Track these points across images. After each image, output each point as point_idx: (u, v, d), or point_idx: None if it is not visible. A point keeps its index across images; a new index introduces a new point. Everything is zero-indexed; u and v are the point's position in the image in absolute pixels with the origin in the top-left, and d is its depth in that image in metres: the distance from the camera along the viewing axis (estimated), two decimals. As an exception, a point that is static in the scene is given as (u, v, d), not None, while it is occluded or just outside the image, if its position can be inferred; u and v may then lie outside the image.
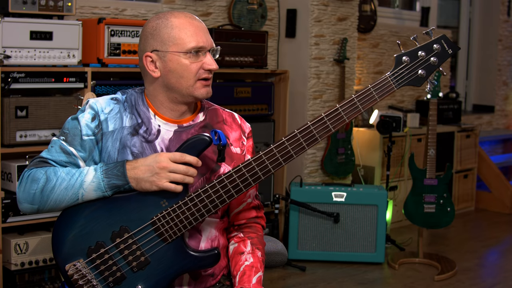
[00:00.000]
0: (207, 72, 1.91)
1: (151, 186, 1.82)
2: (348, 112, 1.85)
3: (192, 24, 1.91)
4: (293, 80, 4.77)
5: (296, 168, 4.86)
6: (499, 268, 4.62)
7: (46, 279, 3.42)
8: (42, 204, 1.85)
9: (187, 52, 1.88)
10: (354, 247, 4.42)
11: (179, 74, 1.90)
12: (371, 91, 1.85)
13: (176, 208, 1.84)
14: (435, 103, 4.35)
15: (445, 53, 1.86)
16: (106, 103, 1.94)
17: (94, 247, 1.86)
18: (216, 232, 2.01)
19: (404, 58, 1.86)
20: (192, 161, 1.82)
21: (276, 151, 1.85)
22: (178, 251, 1.86)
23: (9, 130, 3.19)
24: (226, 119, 2.05)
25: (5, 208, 3.23)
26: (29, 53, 3.28)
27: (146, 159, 1.83)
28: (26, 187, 1.85)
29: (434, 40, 1.86)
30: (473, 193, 6.20)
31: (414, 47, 1.87)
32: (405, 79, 1.85)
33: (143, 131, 1.92)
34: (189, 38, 1.89)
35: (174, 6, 4.34)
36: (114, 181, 1.83)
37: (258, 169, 1.85)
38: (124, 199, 1.86)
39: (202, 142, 1.84)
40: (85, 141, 1.90)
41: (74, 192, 1.84)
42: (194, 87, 1.90)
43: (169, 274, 1.87)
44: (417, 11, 6.45)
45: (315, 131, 1.84)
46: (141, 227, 1.85)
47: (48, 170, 1.85)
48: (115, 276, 1.86)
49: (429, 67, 1.86)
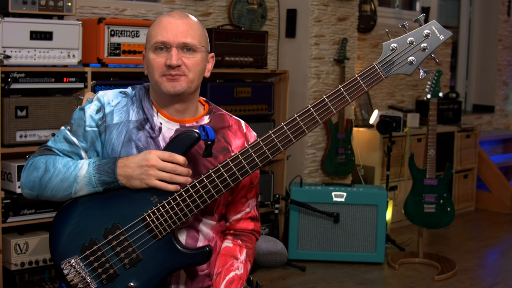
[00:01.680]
0: (169, 68, 1.88)
1: (141, 183, 1.83)
2: (336, 103, 1.81)
3: (168, 21, 1.91)
4: (293, 80, 4.77)
5: (296, 168, 4.86)
6: (499, 268, 4.62)
7: (46, 279, 3.42)
8: (41, 192, 1.90)
9: (151, 47, 1.91)
10: (354, 247, 4.42)
11: (149, 69, 1.93)
12: (357, 80, 1.80)
13: (166, 204, 1.85)
14: (435, 103, 4.35)
15: (436, 39, 1.80)
16: (114, 96, 1.97)
17: (88, 244, 1.87)
18: (213, 234, 2.01)
19: (393, 45, 1.81)
20: (180, 160, 1.82)
21: (263, 144, 1.83)
22: (169, 248, 1.87)
23: (9, 130, 3.19)
24: (231, 126, 2.04)
25: (5, 208, 3.23)
26: (29, 53, 3.28)
27: (136, 157, 1.85)
28: (28, 174, 1.91)
29: (424, 26, 1.81)
30: (473, 193, 6.20)
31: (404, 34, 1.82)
32: (394, 67, 1.80)
33: (148, 127, 1.94)
34: (155, 34, 1.90)
35: (174, 6, 4.34)
36: (105, 177, 1.85)
37: (245, 163, 1.84)
38: (117, 196, 1.88)
39: (190, 138, 1.85)
40: (87, 132, 1.93)
41: (68, 185, 1.87)
42: (160, 82, 1.90)
43: (161, 272, 1.87)
44: (417, 11, 6.46)
45: (301, 123, 1.81)
46: (132, 223, 1.86)
47: (49, 160, 1.89)
48: (108, 273, 1.87)
49: (419, 53, 1.80)
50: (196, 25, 1.93)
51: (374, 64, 1.81)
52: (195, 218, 1.94)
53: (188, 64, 1.90)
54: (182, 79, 1.89)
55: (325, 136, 4.95)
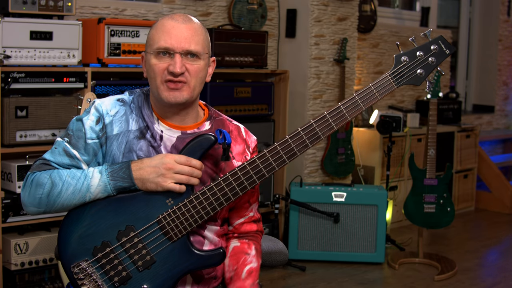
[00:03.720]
0: (171, 74, 1.85)
1: (156, 187, 1.83)
2: (350, 110, 1.90)
3: (172, 25, 1.87)
4: (293, 80, 4.77)
5: (296, 168, 4.86)
6: (499, 268, 4.62)
7: (46, 279, 3.42)
8: (49, 207, 1.86)
9: (153, 52, 1.87)
10: (354, 247, 4.42)
11: (150, 75, 1.90)
12: (372, 89, 1.90)
13: (182, 206, 1.85)
14: (435, 103, 4.35)
15: (443, 53, 1.94)
16: (112, 105, 1.93)
17: (100, 247, 1.85)
18: (218, 238, 2.01)
19: (403, 58, 1.92)
20: (196, 165, 1.83)
21: (280, 149, 1.88)
22: (183, 250, 1.86)
23: (9, 130, 3.19)
24: (232, 132, 2.03)
25: (5, 208, 3.22)
26: (29, 53, 3.28)
27: (152, 160, 1.84)
28: (31, 192, 1.85)
29: (431, 41, 1.94)
30: (473, 193, 6.20)
31: (413, 47, 1.94)
32: (404, 78, 1.92)
33: (149, 136, 1.92)
34: (158, 39, 1.86)
35: (174, 6, 4.34)
36: (121, 183, 1.83)
37: (262, 166, 1.87)
38: (130, 198, 1.86)
39: (208, 141, 1.86)
40: (89, 144, 1.89)
41: (81, 196, 1.84)
42: (160, 89, 1.87)
43: (175, 274, 1.87)
44: (417, 11, 6.46)
45: (318, 129, 1.89)
46: (146, 225, 1.85)
47: (53, 174, 1.85)
48: (120, 275, 1.86)
49: (427, 66, 1.93)
50: (199, 30, 1.90)
51: (387, 74, 1.91)
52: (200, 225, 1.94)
53: (191, 71, 1.87)
54: (184, 89, 1.87)
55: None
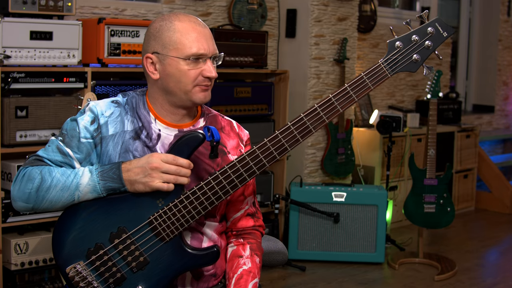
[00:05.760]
0: (206, 79, 1.90)
1: (145, 187, 1.82)
2: (342, 102, 1.80)
3: (195, 30, 1.88)
4: (293, 80, 4.77)
5: (296, 168, 4.86)
6: (499, 268, 4.62)
7: (46, 279, 3.42)
8: (37, 203, 1.85)
9: (186, 58, 1.87)
10: (354, 247, 4.42)
11: (177, 79, 1.88)
12: (364, 79, 1.80)
13: (172, 206, 1.84)
14: (435, 103, 4.35)
15: (440, 36, 1.80)
16: (106, 106, 1.93)
17: (93, 249, 1.86)
18: (217, 235, 2.01)
19: (397, 44, 1.81)
20: (184, 164, 1.81)
21: (270, 145, 1.83)
22: (176, 250, 1.86)
23: (9, 130, 3.19)
24: (224, 127, 2.04)
25: (5, 208, 3.23)
26: (29, 53, 3.28)
27: (139, 161, 1.83)
28: (22, 186, 1.85)
29: (428, 24, 1.81)
30: (473, 193, 6.20)
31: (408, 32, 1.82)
32: (399, 65, 1.81)
33: (144, 136, 1.92)
34: (190, 44, 1.86)
35: (174, 6, 4.34)
36: (110, 183, 1.83)
37: (252, 163, 1.83)
38: (121, 199, 1.86)
39: (195, 140, 1.83)
40: (82, 143, 1.89)
41: (70, 194, 1.83)
42: (191, 92, 1.89)
43: (169, 274, 1.87)
44: (417, 11, 6.46)
45: (308, 123, 1.81)
46: (138, 227, 1.85)
47: (44, 169, 1.85)
48: (115, 277, 1.86)
49: (423, 51, 1.81)
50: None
51: (380, 62, 1.81)
52: (199, 221, 1.94)
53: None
54: (209, 89, 1.93)
55: (325, 136, 4.95)
